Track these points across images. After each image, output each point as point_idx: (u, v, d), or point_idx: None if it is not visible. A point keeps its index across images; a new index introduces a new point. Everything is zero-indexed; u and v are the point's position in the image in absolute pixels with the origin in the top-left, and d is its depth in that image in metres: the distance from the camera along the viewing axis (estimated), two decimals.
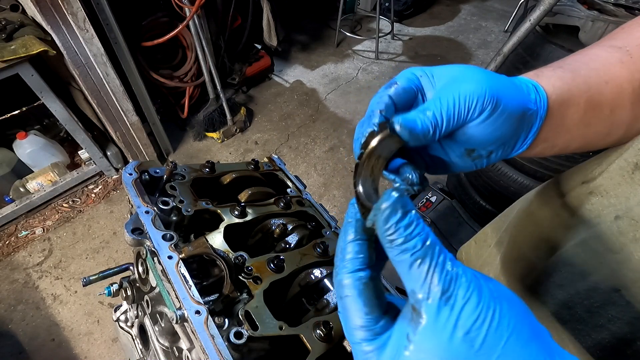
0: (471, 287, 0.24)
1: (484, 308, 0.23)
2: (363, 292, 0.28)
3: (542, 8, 1.42)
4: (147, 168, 0.75)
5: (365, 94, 3.31)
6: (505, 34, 4.05)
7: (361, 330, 0.28)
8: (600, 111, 0.40)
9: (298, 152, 2.80)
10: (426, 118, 0.31)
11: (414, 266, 0.25)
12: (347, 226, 0.30)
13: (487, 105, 0.32)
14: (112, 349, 1.81)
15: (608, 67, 0.41)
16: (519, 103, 0.35)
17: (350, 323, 0.29)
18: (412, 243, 0.25)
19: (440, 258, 0.25)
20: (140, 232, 0.64)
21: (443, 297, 0.24)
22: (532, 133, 0.37)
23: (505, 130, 0.34)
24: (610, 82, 0.40)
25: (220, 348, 0.50)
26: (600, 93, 0.39)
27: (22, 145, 2.24)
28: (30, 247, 2.20)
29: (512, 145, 0.37)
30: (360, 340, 0.28)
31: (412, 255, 0.25)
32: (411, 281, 0.25)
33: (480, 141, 0.35)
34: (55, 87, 2.00)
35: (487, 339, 0.23)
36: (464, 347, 0.23)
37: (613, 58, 0.41)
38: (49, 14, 1.75)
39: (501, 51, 1.63)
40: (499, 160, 0.38)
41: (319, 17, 4.21)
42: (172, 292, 0.56)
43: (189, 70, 2.70)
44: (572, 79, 0.39)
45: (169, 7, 2.33)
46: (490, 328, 0.23)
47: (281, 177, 0.91)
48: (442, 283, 0.24)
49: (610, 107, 0.40)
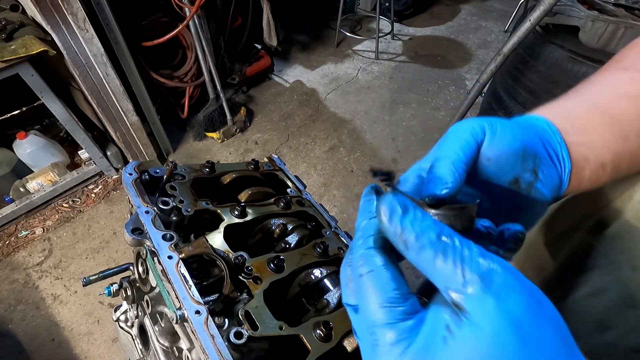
0: (514, 274, 0.22)
1: (533, 298, 0.22)
2: (390, 264, 0.25)
3: (542, 8, 1.42)
4: (147, 168, 0.75)
5: (365, 94, 3.31)
6: (505, 34, 4.05)
7: (388, 309, 0.24)
8: (629, 123, 0.37)
9: (298, 152, 2.80)
10: (443, 165, 0.29)
11: (438, 261, 0.23)
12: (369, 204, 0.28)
13: (484, 124, 0.32)
14: (112, 349, 1.81)
15: (616, 86, 0.40)
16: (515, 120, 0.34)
17: (371, 302, 0.25)
18: (427, 237, 0.23)
19: (464, 245, 0.23)
20: (140, 232, 0.64)
21: (483, 284, 0.22)
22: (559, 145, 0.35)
23: (525, 139, 0.32)
24: (623, 97, 0.38)
25: (220, 348, 0.50)
26: (615, 107, 0.38)
27: (22, 145, 2.24)
28: (30, 247, 2.21)
29: (548, 159, 0.34)
30: (385, 323, 0.24)
31: (432, 248, 0.23)
32: (442, 278, 0.23)
33: (511, 162, 0.32)
34: (55, 87, 2.00)
35: (536, 331, 0.21)
36: (514, 343, 0.21)
37: (620, 78, 0.40)
38: (49, 14, 1.75)
39: (501, 51, 1.63)
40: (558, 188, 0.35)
41: (319, 17, 4.21)
42: (172, 292, 0.56)
43: (189, 70, 2.70)
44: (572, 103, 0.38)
45: (169, 7, 2.33)
46: (539, 320, 0.21)
47: (281, 177, 0.91)
48: (478, 270, 0.22)
49: (639, 118, 0.38)
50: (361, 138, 2.90)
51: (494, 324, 0.21)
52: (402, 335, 0.24)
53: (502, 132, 0.32)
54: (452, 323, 0.23)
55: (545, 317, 0.22)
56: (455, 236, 0.23)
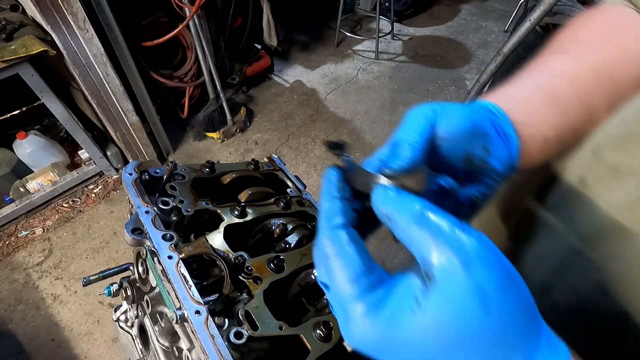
0: (489, 247, 0.23)
1: (502, 269, 0.23)
2: (353, 241, 0.27)
3: (542, 8, 1.42)
4: (147, 168, 0.75)
5: (365, 94, 3.31)
6: (505, 34, 4.05)
7: (353, 282, 0.25)
8: (566, 99, 0.41)
9: (298, 152, 2.80)
10: (400, 146, 0.31)
11: (416, 231, 0.24)
12: (329, 186, 0.30)
13: (436, 107, 0.34)
14: (112, 349, 1.81)
15: (552, 67, 0.43)
16: (466, 105, 0.36)
17: (339, 279, 0.26)
18: (408, 208, 0.25)
19: (443, 217, 0.24)
20: (140, 232, 0.64)
21: (456, 255, 0.22)
22: (505, 122, 0.37)
23: (474, 119, 0.34)
24: (560, 75, 0.42)
25: (220, 348, 0.50)
26: (553, 85, 0.41)
27: (22, 145, 2.24)
28: (30, 247, 2.21)
29: (496, 136, 0.37)
30: (354, 297, 0.25)
31: (412, 219, 0.24)
32: (419, 248, 0.24)
33: (464, 140, 0.34)
34: (55, 87, 2.00)
35: (502, 303, 0.22)
36: (478, 312, 0.22)
37: (555, 60, 0.44)
38: (49, 14, 1.75)
39: (501, 51, 1.63)
40: (508, 163, 0.38)
41: (319, 17, 4.21)
42: (172, 292, 0.56)
43: (189, 70, 2.70)
44: (514, 87, 0.42)
45: (169, 7, 2.33)
46: (508, 294, 0.22)
47: (281, 177, 0.91)
48: (452, 241, 0.23)
49: (574, 94, 0.41)
50: (361, 138, 2.90)
51: (460, 293, 0.22)
52: (371, 307, 0.25)
53: (454, 114, 0.34)
54: (420, 294, 0.24)
55: (514, 292, 0.23)
56: (434, 208, 0.24)
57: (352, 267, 0.26)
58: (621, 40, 0.42)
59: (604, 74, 0.42)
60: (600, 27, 0.45)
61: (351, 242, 0.27)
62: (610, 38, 0.43)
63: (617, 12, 0.45)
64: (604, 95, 0.42)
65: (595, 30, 0.45)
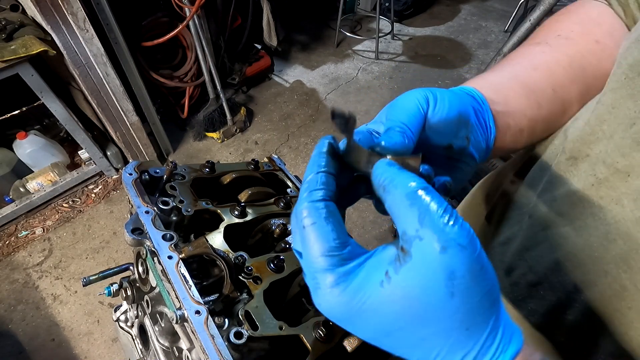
0: (470, 235, 0.24)
1: (476, 259, 0.24)
2: (331, 216, 0.28)
3: (542, 8, 1.42)
4: (147, 168, 0.75)
5: (365, 94, 3.31)
6: (505, 34, 4.05)
7: (326, 256, 0.27)
8: (542, 92, 0.43)
9: (298, 152, 2.80)
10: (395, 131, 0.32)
11: (406, 206, 0.25)
12: (318, 157, 0.30)
13: (428, 95, 0.35)
14: (112, 349, 1.81)
15: (531, 59, 0.45)
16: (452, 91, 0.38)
17: (313, 251, 0.27)
18: (404, 184, 0.26)
19: (435, 202, 0.25)
20: (140, 232, 0.64)
21: (436, 235, 0.24)
22: (487, 115, 0.39)
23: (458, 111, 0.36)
24: (538, 67, 0.44)
25: (220, 348, 0.50)
26: (531, 77, 0.43)
27: (22, 145, 2.24)
28: (30, 247, 2.21)
29: (478, 127, 0.38)
30: (325, 269, 0.27)
31: (405, 194, 0.25)
32: (403, 222, 0.25)
33: (448, 130, 0.36)
34: (55, 87, 2.00)
35: (468, 290, 0.24)
36: (443, 294, 0.24)
37: (534, 51, 0.46)
38: (49, 14, 1.75)
39: (501, 51, 1.63)
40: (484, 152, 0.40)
41: (319, 17, 4.21)
42: (172, 292, 0.56)
43: (189, 70, 2.70)
44: (494, 75, 0.44)
45: (169, 7, 2.33)
46: (475, 281, 0.24)
47: (281, 177, 0.91)
48: (439, 226, 0.24)
49: (549, 87, 0.43)
50: None
51: (431, 272, 0.24)
52: (340, 279, 0.26)
53: (442, 101, 0.35)
54: (392, 268, 0.25)
55: (481, 281, 0.24)
56: (429, 189, 0.25)
57: (326, 241, 0.27)
58: (596, 35, 0.45)
59: (579, 68, 0.44)
60: (578, 21, 0.47)
61: (329, 216, 0.28)
62: (588, 32, 0.45)
63: (594, 8, 0.47)
64: (577, 89, 0.44)
65: (574, 24, 0.47)
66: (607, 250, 0.38)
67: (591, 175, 0.39)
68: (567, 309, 0.44)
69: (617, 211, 0.37)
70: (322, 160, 0.30)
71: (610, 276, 0.38)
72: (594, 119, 0.39)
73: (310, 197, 0.28)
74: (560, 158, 0.44)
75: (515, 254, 0.50)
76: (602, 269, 0.39)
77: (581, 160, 0.41)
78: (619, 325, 0.39)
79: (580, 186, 0.40)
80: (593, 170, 0.39)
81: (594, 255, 0.39)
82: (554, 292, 0.45)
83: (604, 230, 0.38)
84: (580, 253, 0.41)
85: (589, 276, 0.40)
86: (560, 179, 0.43)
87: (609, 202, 0.38)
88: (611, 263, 0.38)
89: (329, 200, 0.28)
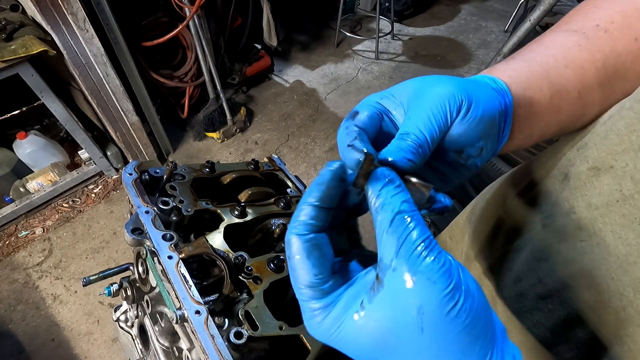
0: (441, 270, 0.23)
1: (447, 295, 0.23)
2: (312, 253, 0.28)
3: (542, 8, 1.42)
4: (147, 168, 0.75)
5: (365, 93, 3.31)
6: (505, 34, 4.05)
7: (309, 288, 0.28)
8: (567, 94, 0.40)
9: (298, 152, 2.80)
10: (409, 145, 0.30)
11: (386, 232, 0.25)
12: (315, 188, 0.30)
13: (462, 100, 0.32)
14: (112, 349, 1.81)
15: (566, 52, 0.41)
16: (487, 93, 0.34)
17: (298, 282, 0.29)
18: (389, 208, 0.25)
19: (416, 231, 0.24)
20: (140, 232, 0.64)
21: (408, 267, 0.23)
22: (509, 122, 0.37)
23: (486, 122, 0.34)
24: (570, 65, 0.40)
25: (220, 348, 0.50)
26: (562, 76, 0.39)
27: (22, 145, 2.24)
28: (30, 247, 2.21)
29: (495, 136, 0.36)
30: (308, 298, 0.28)
31: (388, 220, 0.25)
32: (382, 248, 0.25)
33: (468, 139, 0.34)
34: (55, 87, 2.00)
35: (438, 327, 0.23)
36: (412, 328, 0.23)
37: (570, 42, 0.41)
38: (49, 14, 1.75)
39: (501, 51, 1.63)
40: (488, 157, 0.38)
41: (319, 17, 4.21)
42: (172, 292, 0.56)
43: (189, 70, 2.70)
44: (527, 68, 0.40)
45: (169, 7, 2.33)
46: (447, 317, 0.23)
47: (281, 177, 0.91)
48: (412, 257, 0.23)
49: (576, 89, 0.40)
50: None
51: (400, 304, 0.23)
52: (320, 310, 0.28)
53: (475, 109, 0.32)
54: (367, 298, 0.25)
55: (456, 317, 0.23)
56: (412, 216, 0.25)
57: (308, 276, 0.28)
58: (637, 31, 0.40)
59: (611, 68, 0.40)
60: (620, 10, 0.42)
61: (312, 251, 0.28)
62: (629, 25, 0.40)
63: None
64: (602, 92, 0.41)
65: (615, 13, 0.42)
66: (625, 273, 0.36)
67: (617, 190, 0.36)
68: (576, 326, 0.42)
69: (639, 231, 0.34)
70: (317, 193, 0.30)
71: (626, 299, 0.36)
72: (622, 127, 0.36)
73: (298, 230, 0.29)
74: (581, 167, 0.40)
75: (524, 264, 0.48)
76: (617, 291, 0.37)
77: (604, 171, 0.38)
78: (628, 351, 0.37)
79: (604, 200, 0.37)
80: (619, 185, 0.36)
81: (610, 276, 0.37)
82: (563, 307, 0.43)
83: (624, 251, 0.36)
84: (596, 271, 0.38)
85: (603, 296, 0.38)
86: (580, 189, 0.40)
87: (632, 221, 0.35)
88: (629, 286, 0.35)
89: (315, 233, 0.29)
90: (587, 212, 0.39)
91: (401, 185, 0.27)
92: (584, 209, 0.39)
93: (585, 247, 0.40)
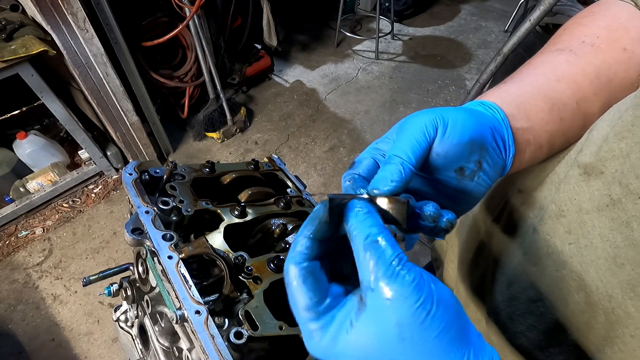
0: (411, 286, 0.26)
1: (419, 308, 0.26)
2: (307, 279, 0.31)
3: (542, 8, 1.42)
4: (147, 168, 0.75)
5: (365, 94, 3.31)
6: (505, 34, 4.05)
7: (306, 311, 0.31)
8: (564, 105, 0.42)
9: (298, 152, 2.80)
10: (391, 169, 0.33)
11: (363, 255, 0.28)
12: (310, 223, 0.33)
13: (438, 121, 0.35)
14: (112, 349, 1.82)
15: (555, 69, 0.43)
16: (469, 112, 0.37)
17: (296, 306, 0.32)
18: (362, 233, 0.29)
19: (387, 251, 0.27)
20: (140, 232, 0.64)
21: (384, 291, 0.26)
22: (509, 135, 0.39)
23: (471, 136, 0.36)
24: (562, 79, 0.42)
25: (220, 348, 0.50)
26: (555, 90, 0.42)
27: (22, 145, 2.24)
28: (30, 247, 2.21)
29: (495, 150, 0.38)
30: (306, 320, 0.31)
31: (363, 244, 0.28)
32: (361, 271, 0.28)
33: (459, 155, 0.36)
34: (55, 87, 2.00)
35: (415, 335, 0.26)
36: (394, 339, 0.26)
37: (558, 60, 0.44)
38: (49, 14, 1.75)
39: (501, 51, 1.62)
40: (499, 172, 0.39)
41: (319, 17, 4.21)
42: (172, 292, 0.56)
43: (189, 70, 2.70)
44: (518, 87, 0.42)
45: (169, 7, 2.33)
46: (422, 326, 0.26)
47: (281, 177, 0.91)
48: (386, 277, 0.27)
49: (573, 100, 0.42)
50: (361, 138, 2.90)
51: (380, 320, 0.27)
52: (317, 330, 0.30)
53: (453, 127, 0.35)
54: (354, 317, 0.28)
55: (431, 324, 0.26)
56: (386, 237, 0.28)
57: (304, 301, 0.31)
58: (624, 42, 0.42)
59: (605, 79, 0.42)
60: (604, 25, 0.44)
61: (307, 277, 0.31)
62: (615, 38, 0.43)
63: (622, 10, 0.44)
64: (600, 101, 0.43)
65: (600, 29, 0.44)
66: (614, 275, 0.37)
67: (606, 195, 0.37)
68: (567, 329, 0.43)
69: (627, 234, 0.35)
70: (312, 227, 0.32)
71: (615, 301, 0.37)
72: (612, 135, 0.37)
73: (294, 259, 0.32)
74: (573, 172, 0.42)
75: (516, 267, 0.49)
76: (606, 293, 0.38)
77: (594, 177, 0.39)
78: (618, 352, 0.38)
79: (593, 205, 0.39)
80: (608, 190, 0.37)
81: (599, 278, 0.38)
82: (554, 310, 0.44)
83: (612, 254, 0.37)
84: (585, 274, 0.40)
85: (592, 298, 0.39)
86: (570, 194, 0.41)
87: (619, 225, 0.36)
88: (617, 288, 0.37)
89: (309, 261, 0.32)
90: (577, 216, 0.40)
91: (370, 211, 0.30)
92: (574, 213, 0.41)
93: (574, 249, 0.41)
